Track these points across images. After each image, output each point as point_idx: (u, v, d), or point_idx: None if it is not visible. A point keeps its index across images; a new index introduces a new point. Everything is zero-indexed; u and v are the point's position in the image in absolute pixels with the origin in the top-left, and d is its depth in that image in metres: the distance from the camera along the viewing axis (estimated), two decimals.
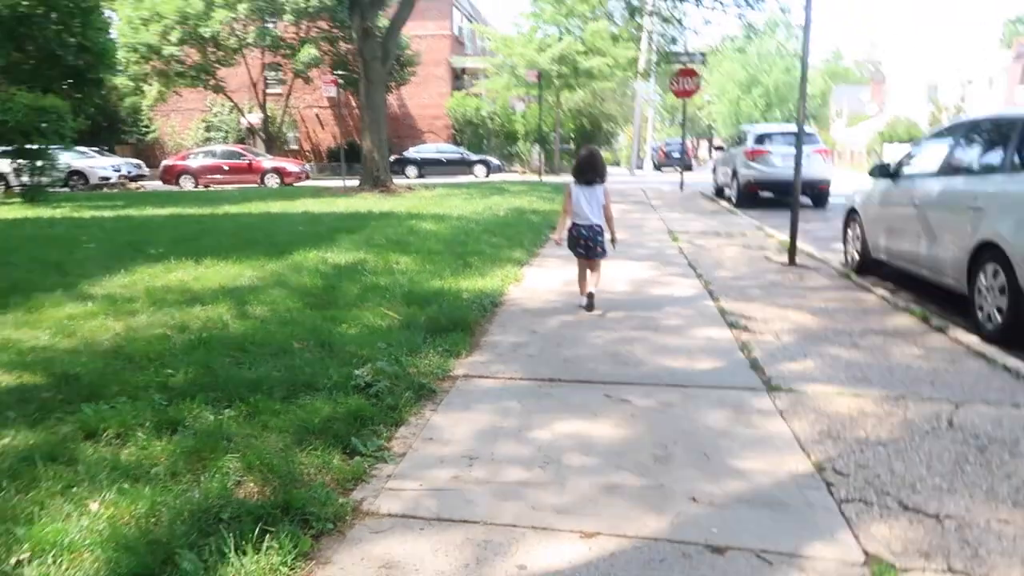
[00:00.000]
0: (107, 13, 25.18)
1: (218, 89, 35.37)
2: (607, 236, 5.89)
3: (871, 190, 8.02)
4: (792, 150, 14.66)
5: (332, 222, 11.08)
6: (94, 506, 2.40)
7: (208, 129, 40.29)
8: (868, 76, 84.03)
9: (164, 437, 3.00)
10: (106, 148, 34.06)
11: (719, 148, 22.61)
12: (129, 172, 29.27)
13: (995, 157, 5.90)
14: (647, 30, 24.29)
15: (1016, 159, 5.55)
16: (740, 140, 17.57)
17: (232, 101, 37.15)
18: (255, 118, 38.12)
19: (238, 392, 3.54)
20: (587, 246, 5.82)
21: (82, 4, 19.61)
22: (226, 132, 39.97)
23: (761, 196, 16.08)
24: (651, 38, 24.91)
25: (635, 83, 34.70)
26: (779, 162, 15.34)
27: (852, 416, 3.63)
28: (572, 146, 38.95)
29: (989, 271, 5.52)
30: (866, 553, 2.41)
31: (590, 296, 5.85)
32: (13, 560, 2.10)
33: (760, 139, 16.25)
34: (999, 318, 5.38)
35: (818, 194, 15.96)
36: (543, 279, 7.26)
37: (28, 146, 16.60)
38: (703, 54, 21.28)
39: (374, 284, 6.39)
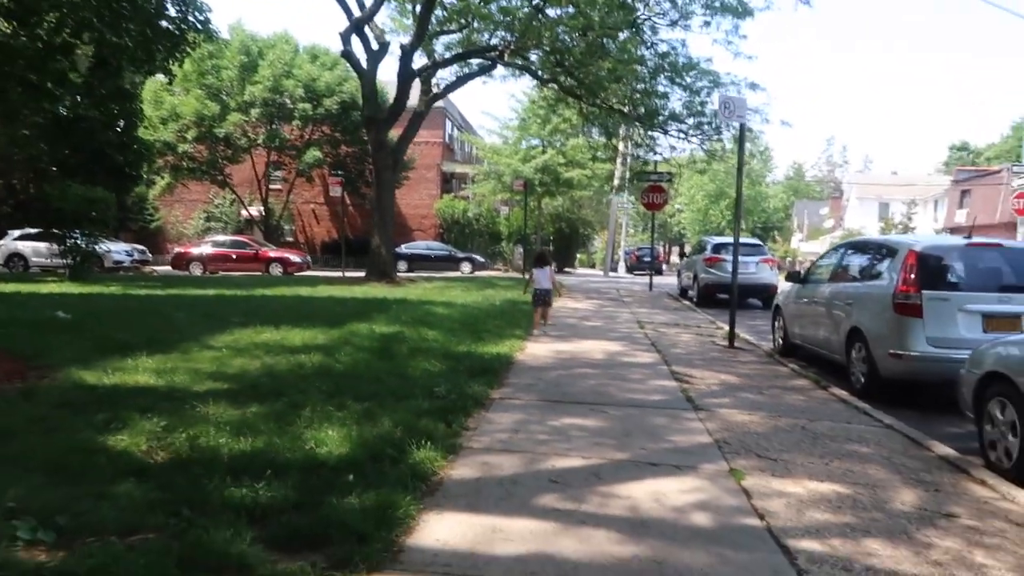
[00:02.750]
0: None
1: (224, 184, 38.13)
2: (553, 294, 11.65)
3: (789, 291, 10.52)
4: (747, 259, 17.48)
5: (359, 305, 13.31)
6: (331, 432, 4.57)
7: (209, 219, 42.79)
8: (828, 193, 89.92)
9: (346, 410, 5.18)
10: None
11: (683, 255, 25.46)
12: (139, 257, 31.51)
13: (860, 268, 8.43)
14: (621, 152, 27.58)
15: (872, 270, 8.07)
16: (701, 249, 20.34)
17: (236, 194, 39.84)
18: (255, 210, 40.78)
19: (365, 396, 5.71)
20: (543, 299, 11.16)
21: (126, 108, 22.30)
22: (226, 223, 42.49)
23: (719, 297, 18.64)
24: (624, 159, 28.14)
25: (611, 194, 37.99)
26: None
27: (743, 423, 5.91)
28: (552, 247, 42.01)
29: (856, 347, 7.93)
30: (731, 468, 4.64)
31: (538, 328, 11.04)
32: (307, 447, 4.27)
33: (717, 248, 18.99)
34: (863, 379, 7.75)
35: (767, 296, 18.56)
36: (541, 349, 9.55)
37: (78, 231, 18.84)
38: (670, 174, 24.37)
39: (416, 347, 8.60)
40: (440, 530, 3.45)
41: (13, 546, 2.81)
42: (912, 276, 7.28)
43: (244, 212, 41.47)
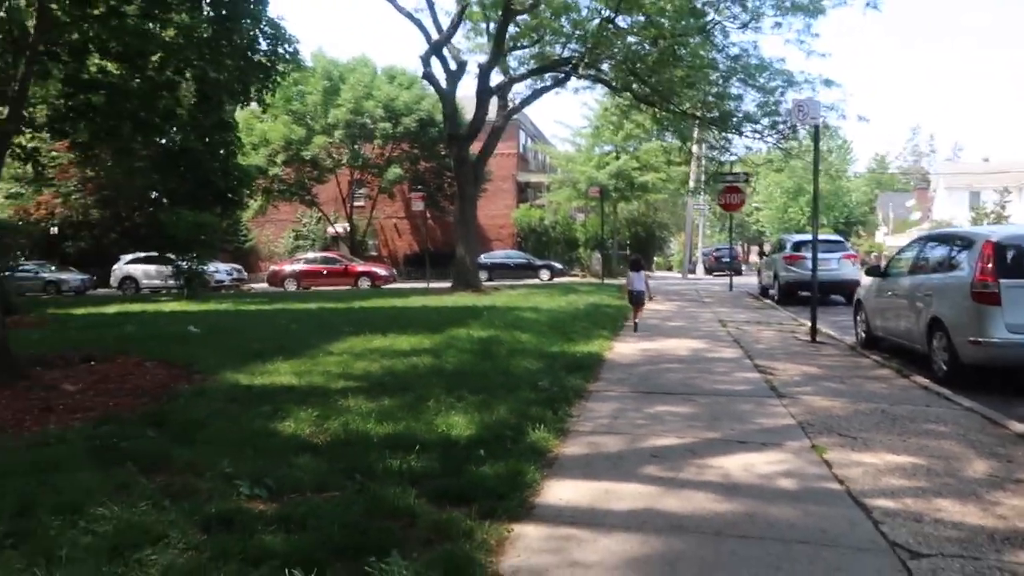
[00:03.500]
0: None
1: (312, 203, 40.08)
2: (647, 295, 12.87)
3: (870, 285, 10.78)
4: (828, 255, 17.60)
5: (452, 313, 14.15)
6: (457, 418, 5.31)
7: (297, 238, 44.96)
8: (914, 184, 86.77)
9: (464, 400, 5.92)
10: None
11: (763, 254, 25.52)
12: (237, 276, 33.57)
13: (939, 261, 8.71)
14: (696, 154, 27.81)
15: (951, 261, 8.35)
16: (780, 247, 20.45)
17: (322, 212, 41.77)
18: (340, 227, 42.67)
19: (478, 390, 6.44)
20: (637, 300, 12.36)
21: (227, 138, 23.97)
22: (313, 240, 44.56)
23: (800, 295, 18.75)
24: (699, 161, 28.34)
25: (687, 196, 38.06)
26: None
27: (825, 407, 6.37)
28: (628, 252, 42.35)
29: (937, 336, 8.22)
30: (813, 444, 5.15)
31: (636, 324, 12.30)
32: (440, 429, 5.01)
33: (797, 246, 19.09)
34: (944, 367, 8.04)
35: (849, 292, 18.55)
36: (627, 348, 10.13)
37: (190, 254, 20.46)
38: (747, 175, 24.49)
39: (513, 348, 9.30)
40: (562, 492, 4.12)
41: (239, 499, 3.63)
42: (989, 266, 7.55)
43: (330, 229, 43.42)
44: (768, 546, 3.44)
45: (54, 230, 35.19)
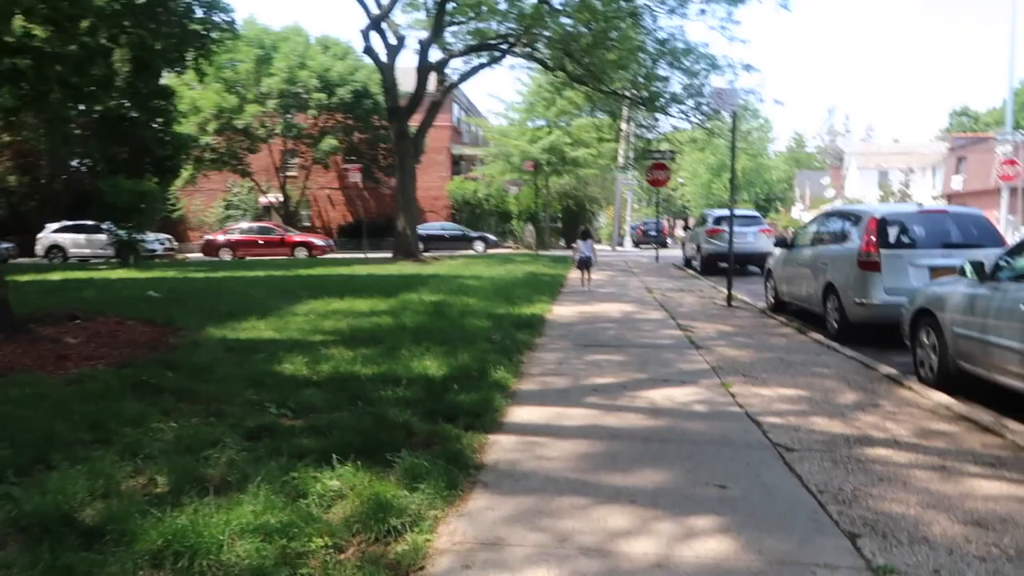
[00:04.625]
0: None
1: (244, 173, 39.74)
2: (593, 260, 14.93)
3: (778, 256, 12.14)
4: (745, 229, 19.07)
5: (399, 280, 14.99)
6: (428, 362, 6.25)
7: (228, 207, 44.47)
8: (830, 162, 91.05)
9: (431, 350, 6.86)
10: None
11: (687, 228, 27.10)
12: (169, 246, 33.28)
13: (834, 234, 10.07)
14: (625, 131, 29.10)
15: (843, 234, 9.70)
16: (703, 221, 21.93)
17: (254, 182, 41.46)
18: (272, 197, 42.43)
19: (441, 342, 7.38)
20: (585, 264, 14.49)
21: (165, 106, 23.93)
22: (245, 210, 44.17)
23: (720, 266, 20.25)
24: (628, 138, 29.66)
25: (616, 172, 39.49)
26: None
27: (734, 356, 7.59)
28: (560, 225, 43.64)
29: (831, 299, 9.58)
30: (722, 382, 6.32)
31: (588, 284, 14.74)
32: (416, 370, 5.95)
33: (718, 220, 20.55)
34: (836, 325, 9.40)
35: (763, 263, 20.19)
36: (566, 310, 11.23)
37: (128, 224, 20.55)
38: (672, 152, 25.92)
39: (463, 310, 10.25)
40: (523, 414, 5.15)
41: (271, 416, 4.52)
42: (873, 238, 8.90)
43: (262, 199, 43.08)
44: (683, 446, 4.54)
45: None
